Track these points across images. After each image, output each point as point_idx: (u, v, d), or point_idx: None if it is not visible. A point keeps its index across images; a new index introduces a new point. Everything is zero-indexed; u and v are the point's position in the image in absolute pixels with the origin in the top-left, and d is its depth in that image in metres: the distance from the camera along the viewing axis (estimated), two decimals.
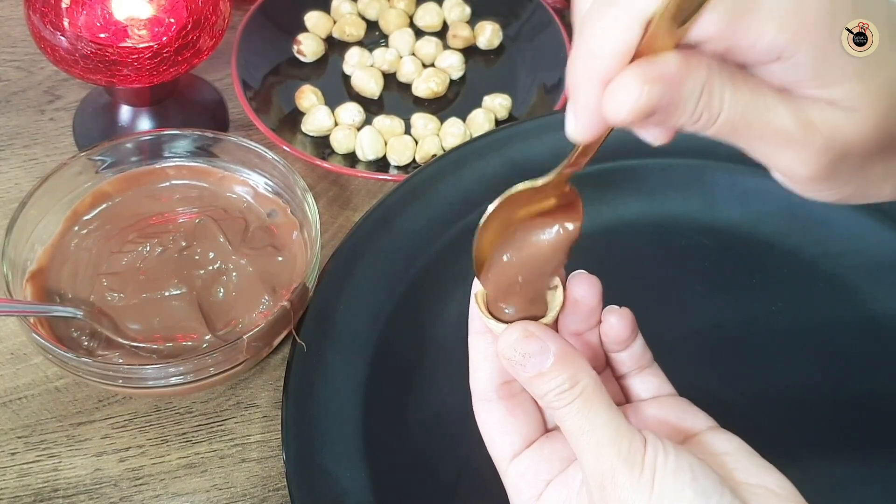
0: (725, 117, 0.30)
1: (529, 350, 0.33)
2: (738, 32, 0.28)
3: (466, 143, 0.61)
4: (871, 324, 0.55)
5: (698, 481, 0.31)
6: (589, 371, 0.33)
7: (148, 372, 0.47)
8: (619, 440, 0.32)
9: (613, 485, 0.31)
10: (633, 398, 0.38)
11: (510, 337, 0.34)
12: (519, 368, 0.33)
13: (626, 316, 0.37)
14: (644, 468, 0.31)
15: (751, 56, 0.29)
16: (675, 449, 0.32)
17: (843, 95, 0.30)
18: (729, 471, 0.33)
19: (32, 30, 0.56)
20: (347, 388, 0.50)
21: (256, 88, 0.66)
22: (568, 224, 0.35)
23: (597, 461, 0.32)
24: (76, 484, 0.50)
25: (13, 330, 0.55)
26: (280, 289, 0.53)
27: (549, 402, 0.33)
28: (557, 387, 0.33)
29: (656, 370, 0.39)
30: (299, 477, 0.46)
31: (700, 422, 0.36)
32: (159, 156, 0.57)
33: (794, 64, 0.29)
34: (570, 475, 0.35)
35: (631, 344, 0.38)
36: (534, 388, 0.34)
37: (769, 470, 0.34)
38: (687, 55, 0.29)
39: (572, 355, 0.33)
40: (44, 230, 0.53)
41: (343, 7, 0.72)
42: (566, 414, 0.33)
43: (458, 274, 0.55)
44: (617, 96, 0.28)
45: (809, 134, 0.30)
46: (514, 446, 0.36)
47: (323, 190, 0.63)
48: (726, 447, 0.35)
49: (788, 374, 0.53)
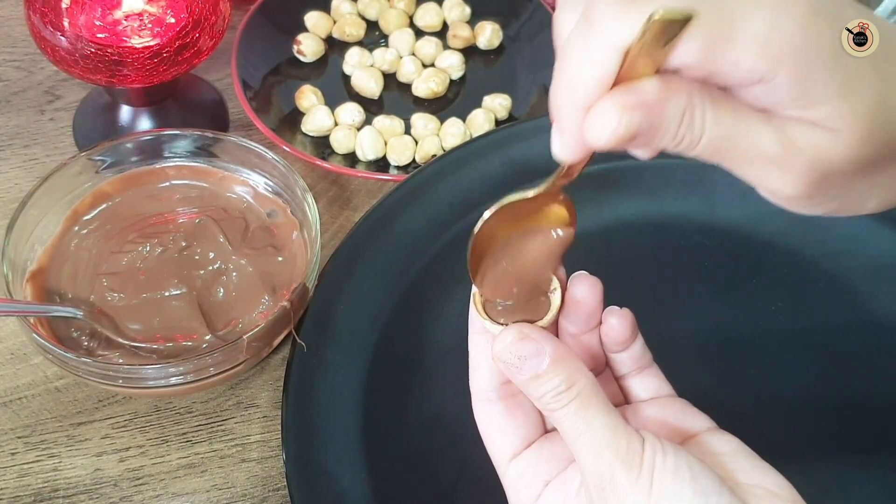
0: (707, 140, 0.30)
1: (525, 352, 0.33)
2: (717, 60, 0.28)
3: (466, 143, 0.61)
4: (871, 324, 0.55)
5: (697, 481, 0.31)
6: (585, 373, 0.33)
7: (148, 372, 0.47)
8: (617, 441, 0.32)
9: (612, 486, 0.31)
10: (632, 399, 0.38)
11: (505, 339, 0.34)
12: (515, 371, 0.33)
13: (626, 317, 0.37)
14: (643, 468, 0.31)
15: (732, 80, 0.29)
16: (674, 449, 0.32)
17: (825, 115, 0.30)
18: (728, 471, 0.34)
19: (32, 30, 0.56)
20: (347, 388, 0.50)
21: (256, 88, 0.66)
22: (561, 230, 0.35)
23: (595, 462, 0.32)
24: (76, 484, 0.50)
25: (13, 330, 0.55)
26: (280, 289, 0.53)
27: (545, 404, 0.33)
28: (554, 388, 0.33)
29: (656, 371, 0.39)
30: (299, 477, 0.46)
31: (699, 422, 0.36)
32: (159, 156, 0.57)
33: (776, 86, 0.29)
34: (568, 476, 0.35)
35: (631, 345, 0.38)
36: (530, 391, 0.33)
37: (768, 471, 0.34)
38: (667, 80, 0.29)
39: (568, 357, 0.33)
40: (44, 230, 0.53)
41: (343, 7, 0.72)
42: (563, 416, 0.33)
43: (458, 274, 0.55)
44: (597, 124, 0.29)
45: (793, 155, 0.30)
46: (513, 447, 0.36)
47: (323, 190, 0.63)
48: (725, 448, 0.35)
49: (788, 373, 0.53)
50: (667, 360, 0.39)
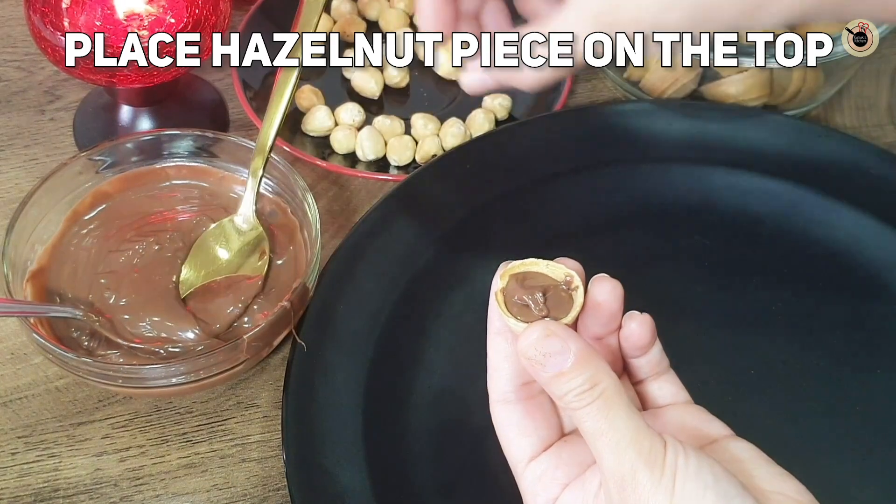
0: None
1: (550, 349, 0.33)
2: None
3: (466, 143, 0.61)
4: (871, 324, 0.55)
5: (720, 484, 0.31)
6: (609, 373, 0.33)
7: (148, 372, 0.47)
8: (640, 441, 0.31)
9: (634, 486, 0.31)
10: (649, 404, 0.38)
11: (531, 336, 0.34)
12: (539, 368, 0.33)
13: (646, 322, 0.37)
14: (665, 469, 0.31)
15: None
16: (696, 452, 0.32)
17: None
18: (749, 477, 0.33)
19: (32, 30, 0.56)
20: (347, 388, 0.50)
21: (256, 88, 0.66)
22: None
23: (617, 462, 0.31)
24: (76, 484, 0.50)
25: (13, 330, 0.55)
26: (280, 289, 0.53)
27: (568, 402, 0.33)
28: (577, 387, 0.32)
29: (673, 377, 0.39)
30: (299, 477, 0.46)
31: (717, 429, 0.36)
32: (159, 156, 0.57)
33: None
34: (586, 480, 0.35)
35: (649, 350, 0.38)
36: (553, 389, 0.33)
37: (786, 477, 0.34)
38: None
39: (593, 356, 0.33)
40: (44, 230, 0.53)
41: (343, 7, 0.72)
42: (586, 415, 0.32)
43: (458, 274, 0.55)
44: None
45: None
46: (532, 448, 0.36)
47: (323, 190, 0.63)
48: (744, 454, 0.35)
49: (787, 373, 0.53)
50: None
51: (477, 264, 0.54)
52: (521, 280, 0.36)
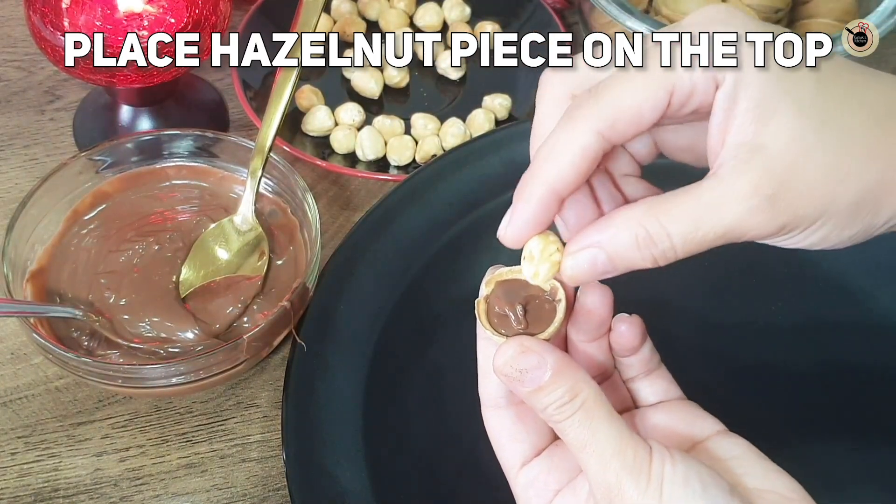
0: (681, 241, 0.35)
1: (526, 365, 0.33)
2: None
3: (466, 143, 0.61)
4: (871, 324, 0.55)
5: (708, 490, 0.31)
6: (589, 382, 0.33)
7: (148, 372, 0.47)
8: (624, 451, 0.31)
9: (621, 497, 0.31)
10: (640, 402, 0.38)
11: (506, 354, 0.33)
12: (517, 384, 0.33)
13: (635, 324, 0.37)
14: (651, 478, 0.31)
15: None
16: (683, 457, 0.32)
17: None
18: (738, 476, 0.33)
19: (32, 30, 0.56)
20: (347, 388, 0.50)
21: (256, 88, 0.66)
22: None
23: (602, 473, 0.31)
24: (76, 484, 0.50)
25: (13, 330, 0.55)
26: (280, 289, 0.53)
27: (549, 415, 0.33)
28: (557, 399, 0.32)
29: (664, 373, 0.39)
30: (299, 477, 0.46)
31: (708, 426, 0.36)
32: (159, 156, 0.57)
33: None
34: (578, 485, 0.35)
35: (640, 349, 0.38)
36: (534, 403, 0.33)
37: (779, 474, 0.34)
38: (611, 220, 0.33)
39: (570, 367, 0.33)
40: (44, 230, 0.53)
41: (343, 7, 0.72)
42: (568, 427, 0.32)
43: (458, 274, 0.55)
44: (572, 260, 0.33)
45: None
46: (523, 454, 0.36)
47: (323, 190, 0.63)
48: (735, 452, 0.35)
49: (788, 374, 0.53)
50: (665, 360, 0.39)
51: (477, 264, 0.54)
52: (506, 288, 0.35)
